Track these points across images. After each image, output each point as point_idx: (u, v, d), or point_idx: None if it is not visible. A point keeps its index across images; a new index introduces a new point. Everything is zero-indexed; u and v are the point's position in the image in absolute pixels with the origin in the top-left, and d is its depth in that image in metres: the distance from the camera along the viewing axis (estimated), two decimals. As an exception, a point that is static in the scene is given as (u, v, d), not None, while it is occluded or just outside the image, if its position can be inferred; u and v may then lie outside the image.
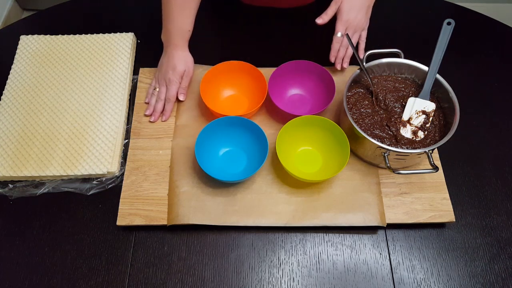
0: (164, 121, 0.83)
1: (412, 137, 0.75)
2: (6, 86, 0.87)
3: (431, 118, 0.76)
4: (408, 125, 0.76)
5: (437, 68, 0.76)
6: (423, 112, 0.76)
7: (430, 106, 0.76)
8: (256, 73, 0.83)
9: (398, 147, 0.74)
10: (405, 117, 0.77)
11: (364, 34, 0.85)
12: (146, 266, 0.71)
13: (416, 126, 0.76)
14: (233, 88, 0.87)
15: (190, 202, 0.74)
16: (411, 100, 0.77)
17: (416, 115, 0.76)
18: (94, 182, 0.79)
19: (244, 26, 1.00)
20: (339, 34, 0.81)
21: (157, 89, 0.84)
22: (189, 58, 0.84)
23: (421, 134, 0.75)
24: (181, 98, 0.84)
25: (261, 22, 1.00)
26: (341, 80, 0.85)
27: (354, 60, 0.90)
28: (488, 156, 0.83)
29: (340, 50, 0.84)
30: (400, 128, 0.76)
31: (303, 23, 0.99)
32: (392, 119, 0.77)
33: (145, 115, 0.84)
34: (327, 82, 0.82)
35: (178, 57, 0.82)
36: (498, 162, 0.82)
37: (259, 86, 0.83)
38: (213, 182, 0.76)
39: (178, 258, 0.72)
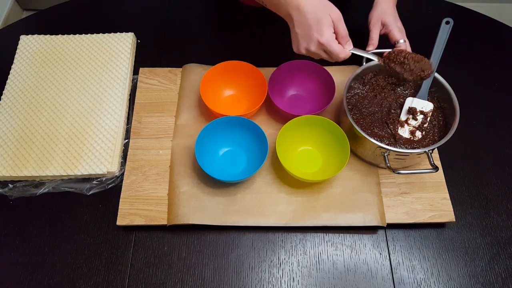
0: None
1: (410, 137, 0.75)
2: (6, 86, 0.87)
3: (429, 118, 0.76)
4: (406, 125, 0.76)
5: (435, 67, 0.76)
6: (421, 112, 0.76)
7: (428, 106, 0.76)
8: (256, 73, 0.83)
9: (398, 147, 0.74)
10: (403, 117, 0.77)
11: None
12: (146, 266, 0.71)
13: (414, 126, 0.76)
14: (233, 88, 0.87)
15: (190, 202, 0.74)
16: (409, 100, 0.77)
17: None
18: (94, 182, 0.79)
19: (244, 26, 1.00)
20: (401, 41, 0.78)
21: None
22: (323, 2, 0.66)
23: (418, 134, 0.75)
24: (348, 48, 0.69)
25: (261, 22, 1.00)
26: (341, 80, 0.85)
27: (354, 60, 0.90)
28: (488, 156, 0.83)
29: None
30: (398, 128, 0.76)
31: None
32: (390, 116, 0.77)
33: None
34: (327, 82, 0.82)
35: (313, 5, 0.64)
36: (498, 162, 0.82)
37: (259, 86, 0.83)
38: (213, 182, 0.76)
39: (178, 258, 0.72)
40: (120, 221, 0.73)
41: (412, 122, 0.76)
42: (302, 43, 0.67)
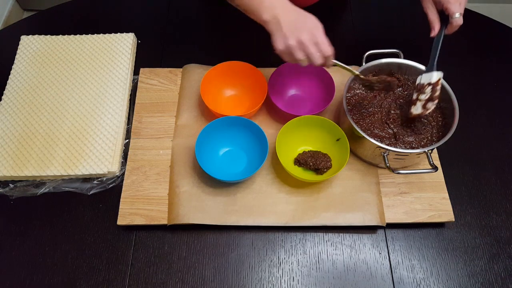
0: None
1: (422, 111, 0.73)
2: (6, 86, 0.88)
3: (439, 87, 0.73)
4: (417, 102, 0.74)
5: (440, 42, 0.74)
6: (429, 84, 0.73)
7: (434, 77, 0.73)
8: (256, 73, 0.83)
9: (397, 147, 0.74)
10: (414, 96, 0.75)
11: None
12: (147, 265, 0.72)
13: (424, 100, 0.73)
14: (233, 88, 0.87)
15: (190, 201, 0.74)
16: (418, 79, 0.75)
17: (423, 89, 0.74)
18: (95, 182, 0.79)
19: (245, 26, 1.00)
20: (457, 15, 0.73)
21: (302, 60, 0.66)
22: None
23: (430, 105, 0.73)
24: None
25: (261, 22, 1.00)
26: (341, 80, 0.85)
27: (354, 60, 0.90)
28: (488, 156, 0.83)
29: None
30: (411, 107, 0.74)
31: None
32: (390, 116, 0.77)
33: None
34: (327, 82, 0.83)
35: (301, 11, 0.66)
36: (497, 162, 0.82)
37: (259, 86, 0.83)
38: (213, 182, 0.77)
39: (179, 257, 0.72)
40: (120, 221, 0.73)
41: (422, 97, 0.74)
42: (294, 33, 0.63)
